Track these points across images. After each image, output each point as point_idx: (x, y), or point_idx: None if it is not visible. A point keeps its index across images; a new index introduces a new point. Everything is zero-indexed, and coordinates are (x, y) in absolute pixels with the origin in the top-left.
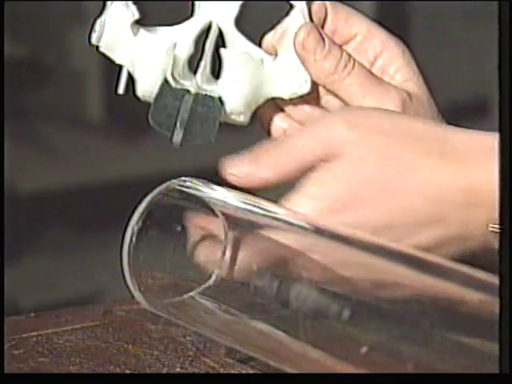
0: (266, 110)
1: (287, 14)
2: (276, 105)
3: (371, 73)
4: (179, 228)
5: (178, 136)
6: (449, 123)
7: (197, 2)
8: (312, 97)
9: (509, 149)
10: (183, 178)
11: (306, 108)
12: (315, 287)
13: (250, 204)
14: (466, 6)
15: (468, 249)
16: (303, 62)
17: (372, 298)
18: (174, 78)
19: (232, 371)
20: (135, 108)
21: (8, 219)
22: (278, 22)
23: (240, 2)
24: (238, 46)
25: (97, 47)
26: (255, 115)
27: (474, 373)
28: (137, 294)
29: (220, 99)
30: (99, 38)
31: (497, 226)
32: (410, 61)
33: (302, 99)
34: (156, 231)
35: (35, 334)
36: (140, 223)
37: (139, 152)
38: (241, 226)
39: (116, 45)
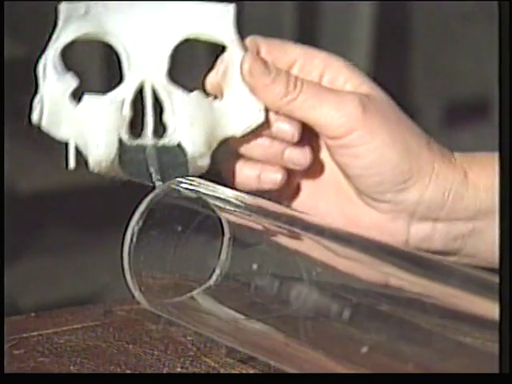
0: (225, 159)
1: (217, 57)
2: (232, 150)
3: (318, 83)
4: (180, 228)
5: (158, 183)
6: (449, 123)
7: (125, 65)
8: (263, 129)
9: (509, 149)
10: (184, 178)
11: (262, 142)
12: (315, 287)
13: (250, 204)
14: (466, 6)
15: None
16: (254, 91)
17: (372, 297)
18: (128, 138)
19: (232, 371)
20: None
21: (8, 219)
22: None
23: (168, 55)
24: (175, 97)
25: (38, 127)
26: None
27: (474, 373)
28: (137, 294)
29: (179, 145)
30: (40, 117)
31: None
32: (355, 70)
33: (255, 134)
34: (157, 231)
35: (36, 333)
36: (140, 223)
37: None
38: (241, 226)
39: (59, 120)
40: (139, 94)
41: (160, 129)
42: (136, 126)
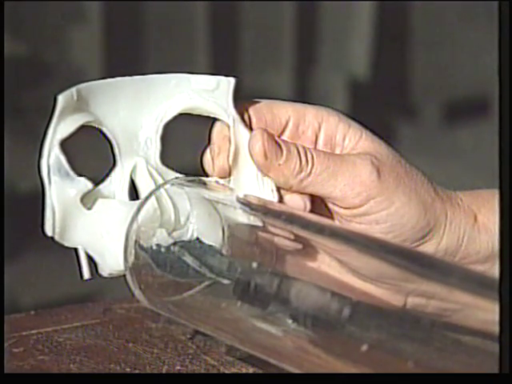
0: None
1: (211, 129)
2: None
3: (327, 152)
4: None
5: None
6: (449, 122)
7: (116, 151)
8: None
9: (509, 149)
10: (184, 176)
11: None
12: (315, 285)
13: (250, 202)
14: (466, 6)
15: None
16: (267, 172)
17: (372, 296)
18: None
19: (232, 369)
20: None
21: (8, 217)
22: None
23: (159, 135)
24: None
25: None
26: None
27: (474, 373)
28: (137, 292)
29: (198, 239)
30: (53, 229)
31: None
32: (350, 122)
33: None
34: None
35: (35, 332)
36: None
37: None
38: (241, 224)
39: (71, 228)
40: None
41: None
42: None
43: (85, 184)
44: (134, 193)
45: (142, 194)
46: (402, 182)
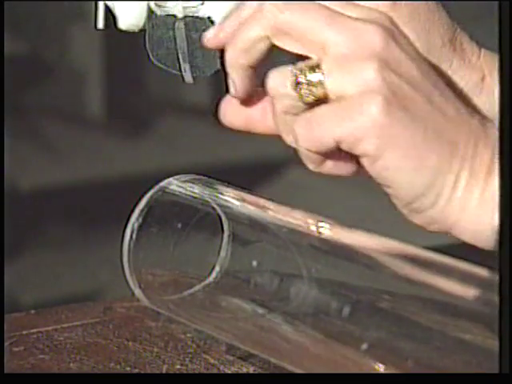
0: None
1: None
2: None
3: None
4: (179, 225)
5: (187, 73)
6: None
7: None
8: None
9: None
10: (183, 175)
11: None
12: (315, 284)
13: (250, 201)
14: (467, 6)
15: None
16: None
17: (372, 294)
18: (156, 4)
19: (232, 368)
20: (135, 105)
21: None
22: None
23: None
24: None
25: None
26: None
27: (474, 372)
28: (137, 291)
29: (209, 19)
30: None
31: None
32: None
33: None
34: (156, 228)
35: (35, 330)
36: (140, 220)
37: (139, 149)
38: (241, 223)
39: None
40: None
41: None
42: None
43: None
44: None
45: None
46: (417, 15)
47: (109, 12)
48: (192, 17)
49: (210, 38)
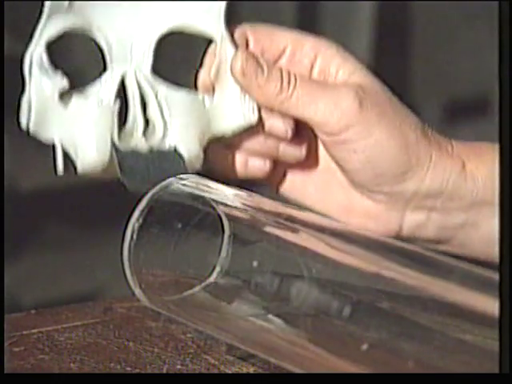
0: (214, 151)
1: (205, 50)
2: (223, 145)
3: (314, 79)
4: (180, 225)
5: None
6: (449, 121)
7: (107, 58)
8: (257, 126)
9: (509, 148)
10: (184, 176)
11: (255, 138)
12: (316, 284)
13: (250, 201)
14: (467, 6)
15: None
16: (247, 91)
17: (373, 295)
18: (119, 139)
19: (233, 368)
20: None
21: (8, 216)
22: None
23: (152, 48)
24: (162, 93)
25: (27, 131)
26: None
27: (474, 373)
28: (137, 292)
29: (175, 150)
30: (28, 120)
31: None
32: (347, 56)
33: (248, 131)
34: (157, 228)
35: (36, 331)
36: (141, 220)
37: None
38: (241, 223)
39: (47, 122)
40: (122, 88)
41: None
42: (120, 118)
43: (61, 79)
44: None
45: (130, 101)
46: (385, 117)
47: (67, 158)
48: (162, 151)
49: None
